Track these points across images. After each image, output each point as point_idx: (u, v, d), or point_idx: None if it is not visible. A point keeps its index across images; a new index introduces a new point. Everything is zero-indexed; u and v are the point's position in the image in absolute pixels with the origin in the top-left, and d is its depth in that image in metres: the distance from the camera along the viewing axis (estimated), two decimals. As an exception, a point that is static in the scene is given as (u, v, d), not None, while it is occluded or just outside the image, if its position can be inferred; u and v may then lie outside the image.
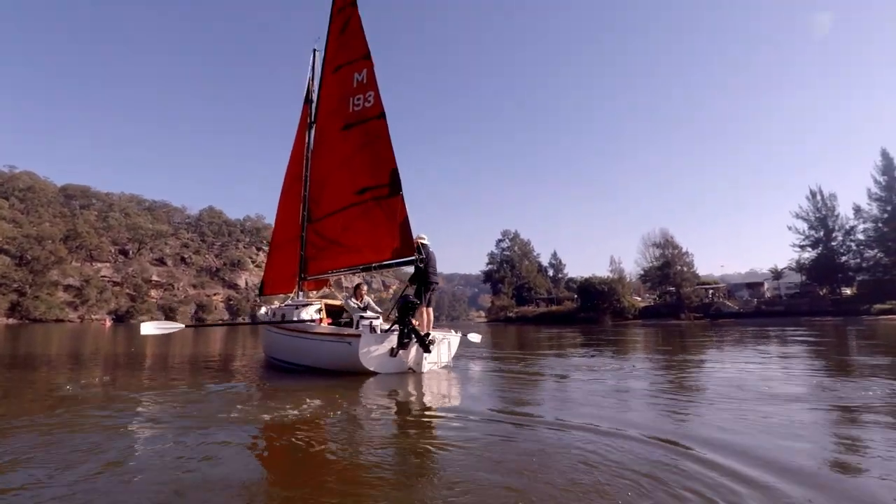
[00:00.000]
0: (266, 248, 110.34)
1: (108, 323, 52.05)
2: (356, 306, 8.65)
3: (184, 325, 8.38)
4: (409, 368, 7.33)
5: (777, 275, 58.78)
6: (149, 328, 7.70)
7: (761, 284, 60.27)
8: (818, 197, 55.07)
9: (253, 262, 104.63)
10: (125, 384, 6.36)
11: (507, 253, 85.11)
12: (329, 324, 8.57)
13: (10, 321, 55.18)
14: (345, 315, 9.04)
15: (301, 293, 10.55)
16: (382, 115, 8.06)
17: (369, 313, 8.52)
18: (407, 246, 7.56)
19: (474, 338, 10.70)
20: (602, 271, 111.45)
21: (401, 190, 7.72)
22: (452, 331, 8.65)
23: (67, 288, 66.89)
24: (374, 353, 7.08)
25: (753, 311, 50.05)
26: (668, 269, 56.88)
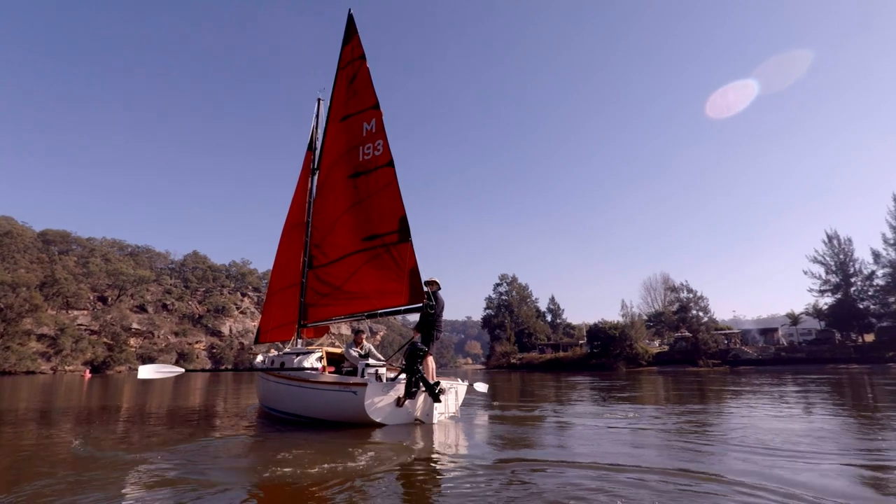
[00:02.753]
0: (251, 294, 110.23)
1: (88, 374, 51.23)
2: (357, 354, 8.80)
3: (184, 370, 8.29)
4: (417, 419, 7.31)
5: (794, 320, 58.99)
6: (147, 372, 7.56)
7: (775, 330, 60.24)
8: (835, 241, 56.08)
9: (237, 309, 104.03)
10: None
11: (505, 297, 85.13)
12: (331, 372, 8.67)
13: (-24, 374, 53.99)
14: (345, 363, 9.14)
15: (300, 341, 10.72)
16: (391, 163, 8.57)
17: (372, 361, 8.66)
18: (416, 293, 7.84)
19: (481, 387, 10.49)
20: (599, 315, 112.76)
21: (410, 237, 8.09)
22: (459, 379, 8.77)
23: (41, 337, 66.02)
24: (380, 403, 7.05)
25: (773, 357, 49.91)
26: (684, 313, 57.32)
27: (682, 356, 53.44)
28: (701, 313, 57.17)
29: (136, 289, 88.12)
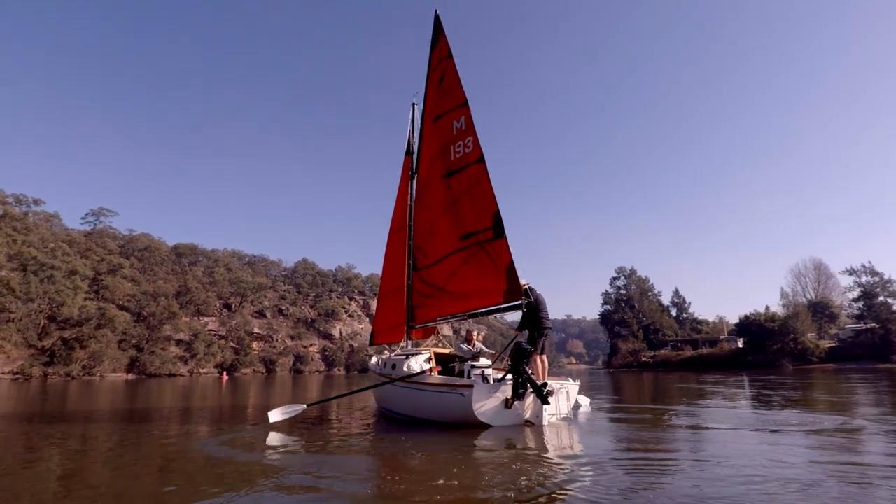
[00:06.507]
0: (357, 298, 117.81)
1: (225, 377, 58.95)
2: (468, 349, 9.51)
3: (305, 406, 9.11)
4: (527, 421, 7.59)
5: None
6: (276, 416, 8.32)
7: None
8: None
9: (346, 312, 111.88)
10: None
11: (624, 292, 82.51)
12: (438, 373, 9.34)
13: (130, 376, 64.36)
14: (454, 364, 9.78)
15: (409, 342, 11.62)
16: (482, 159, 8.97)
17: (482, 360, 9.21)
18: (514, 290, 8.13)
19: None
20: (724, 310, 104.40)
21: (504, 233, 8.43)
22: (570, 379, 8.93)
23: (178, 343, 76.98)
24: (488, 404, 7.43)
25: None
26: (869, 300, 51.38)
27: (865, 351, 47.82)
28: (891, 300, 50.94)
29: (255, 295, 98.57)
